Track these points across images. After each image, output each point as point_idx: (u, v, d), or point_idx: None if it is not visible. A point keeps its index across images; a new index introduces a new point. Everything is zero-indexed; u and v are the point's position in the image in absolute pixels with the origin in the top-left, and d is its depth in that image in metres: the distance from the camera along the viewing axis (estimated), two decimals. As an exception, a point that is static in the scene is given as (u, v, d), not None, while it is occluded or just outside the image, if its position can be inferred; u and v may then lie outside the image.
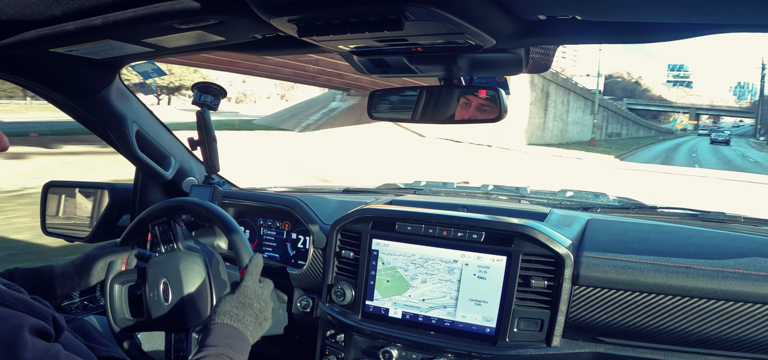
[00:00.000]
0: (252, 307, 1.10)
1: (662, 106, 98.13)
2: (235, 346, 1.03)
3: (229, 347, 1.01)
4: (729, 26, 0.92)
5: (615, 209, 1.79)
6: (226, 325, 1.05)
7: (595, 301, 1.35)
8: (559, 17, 0.96)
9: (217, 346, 1.00)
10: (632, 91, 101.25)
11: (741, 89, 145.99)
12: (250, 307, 1.10)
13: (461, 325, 1.47)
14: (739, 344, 1.27)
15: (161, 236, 1.33)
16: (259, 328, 1.12)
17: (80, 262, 1.31)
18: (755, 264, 1.28)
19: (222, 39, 1.21)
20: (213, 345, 1.00)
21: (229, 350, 1.00)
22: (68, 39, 1.20)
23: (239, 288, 1.13)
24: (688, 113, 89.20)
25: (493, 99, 1.31)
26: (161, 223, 1.33)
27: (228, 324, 1.06)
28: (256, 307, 1.11)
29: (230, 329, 1.05)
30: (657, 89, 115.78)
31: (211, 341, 1.01)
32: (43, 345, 0.75)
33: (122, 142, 1.70)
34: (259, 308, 1.12)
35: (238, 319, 1.07)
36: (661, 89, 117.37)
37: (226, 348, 1.01)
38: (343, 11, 0.94)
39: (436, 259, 1.49)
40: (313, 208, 1.80)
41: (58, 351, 0.75)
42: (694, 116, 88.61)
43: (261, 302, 1.13)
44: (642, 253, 1.37)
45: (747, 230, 1.54)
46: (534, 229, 1.41)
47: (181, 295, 1.24)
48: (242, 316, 1.08)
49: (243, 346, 1.05)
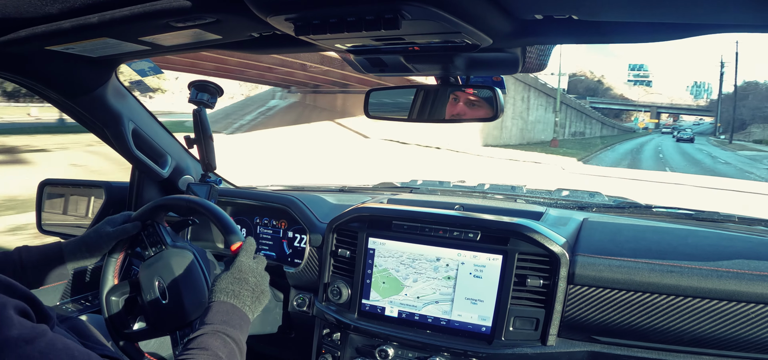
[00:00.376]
0: (247, 281, 1.09)
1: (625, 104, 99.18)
2: (233, 323, 1.02)
3: (225, 324, 1.00)
4: (724, 26, 0.92)
5: (610, 208, 1.80)
6: (222, 303, 1.05)
7: (590, 301, 1.36)
8: (556, 17, 0.97)
9: (213, 323, 0.99)
10: (595, 89, 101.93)
11: (697, 88, 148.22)
12: (246, 281, 1.09)
13: (457, 324, 1.47)
14: (733, 343, 1.27)
15: (148, 240, 1.33)
16: (257, 303, 1.11)
17: (90, 238, 1.30)
18: (750, 263, 1.29)
19: (219, 37, 1.21)
20: (209, 323, 0.99)
21: (225, 327, 0.99)
22: (64, 37, 1.20)
23: (234, 264, 1.12)
24: (649, 112, 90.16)
25: (489, 98, 1.32)
26: (146, 227, 1.33)
27: (224, 301, 1.05)
28: (251, 281, 1.10)
29: (227, 306, 1.04)
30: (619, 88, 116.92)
31: (207, 319, 1.01)
32: (29, 324, 0.74)
33: (119, 140, 1.70)
34: (254, 282, 1.11)
35: (235, 294, 1.07)
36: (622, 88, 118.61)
37: (223, 325, 1.00)
38: (341, 10, 0.94)
39: (432, 258, 1.50)
40: (309, 207, 1.80)
41: (45, 329, 0.74)
42: (655, 115, 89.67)
43: (257, 276, 1.12)
44: (637, 253, 1.37)
45: (741, 230, 1.55)
46: (530, 228, 1.41)
47: (177, 289, 1.24)
48: (239, 291, 1.07)
49: (241, 321, 1.04)
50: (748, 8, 0.84)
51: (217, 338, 0.97)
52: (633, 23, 0.98)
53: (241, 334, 1.02)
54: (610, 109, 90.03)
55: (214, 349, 0.94)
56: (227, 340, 0.98)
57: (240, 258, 1.13)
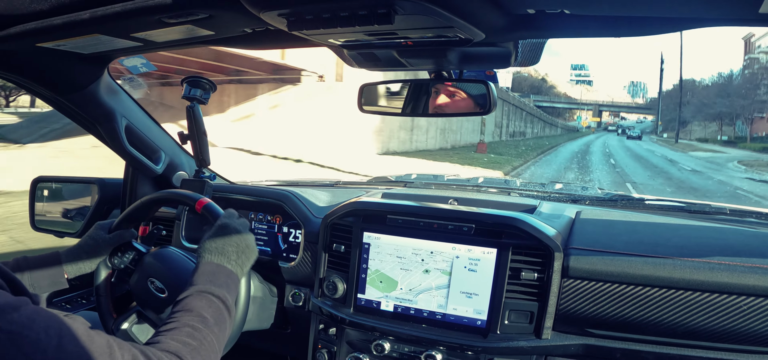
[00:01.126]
0: (231, 238, 1.10)
1: (569, 103, 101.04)
2: (218, 282, 1.02)
3: (210, 283, 1.01)
4: (713, 20, 0.93)
5: (603, 202, 1.81)
6: (207, 263, 1.06)
7: (584, 294, 1.37)
8: (548, 11, 0.97)
9: (197, 284, 1.00)
10: (539, 88, 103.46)
11: (634, 88, 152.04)
12: (229, 238, 1.10)
13: (452, 318, 1.48)
14: (725, 336, 1.28)
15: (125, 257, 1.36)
16: (244, 257, 1.12)
17: (87, 245, 1.31)
18: (740, 256, 1.30)
19: (211, 33, 1.21)
20: (194, 284, 1.00)
21: (210, 286, 1.00)
22: (55, 34, 1.19)
23: (217, 224, 1.14)
24: (591, 110, 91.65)
25: (482, 92, 1.33)
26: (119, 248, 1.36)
27: (210, 261, 1.06)
28: (235, 237, 1.11)
29: (212, 266, 1.05)
30: (562, 87, 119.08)
31: (193, 280, 1.02)
32: (12, 295, 0.75)
33: (111, 136, 1.70)
34: (238, 238, 1.12)
35: (219, 252, 1.08)
36: (565, 87, 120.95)
37: (208, 284, 1.00)
38: (334, 5, 0.94)
39: (426, 252, 1.50)
40: (304, 202, 1.80)
41: (27, 300, 0.75)
42: (597, 113, 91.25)
43: (240, 233, 1.13)
44: (630, 246, 1.38)
45: (733, 222, 1.56)
46: (523, 221, 1.42)
47: (172, 279, 1.27)
48: (223, 248, 1.09)
49: (228, 280, 1.05)
50: (733, 4, 0.85)
51: (201, 298, 0.98)
52: (622, 17, 0.99)
53: (227, 292, 1.02)
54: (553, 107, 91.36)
55: (198, 310, 0.95)
56: (213, 299, 0.98)
57: (221, 219, 1.15)
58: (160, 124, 1.87)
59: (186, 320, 0.92)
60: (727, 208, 1.65)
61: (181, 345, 0.88)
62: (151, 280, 1.29)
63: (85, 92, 1.58)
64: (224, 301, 1.00)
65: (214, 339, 0.93)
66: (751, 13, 0.86)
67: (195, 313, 0.94)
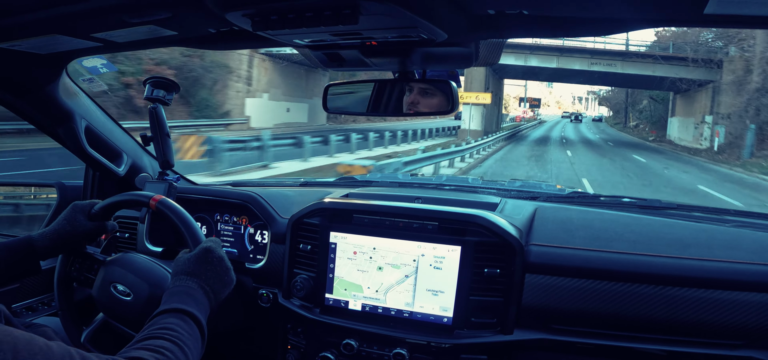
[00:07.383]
0: (211, 262, 1.10)
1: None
2: (193, 302, 1.02)
3: (185, 304, 1.00)
4: (660, 21, 0.99)
5: (560, 199, 1.86)
6: (184, 282, 1.05)
7: (546, 289, 1.41)
8: (507, 12, 1.01)
9: (172, 302, 1.00)
10: None
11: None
12: (210, 262, 1.10)
13: (419, 316, 1.50)
14: (681, 328, 1.33)
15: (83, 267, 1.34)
16: (221, 283, 1.11)
17: (64, 229, 1.26)
18: (688, 249, 1.37)
19: (175, 34, 1.20)
20: (169, 302, 1.00)
21: (185, 306, 0.99)
22: (10, 33, 1.16)
23: (201, 247, 1.13)
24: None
25: (444, 91, 1.36)
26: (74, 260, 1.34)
27: (186, 280, 1.06)
28: (215, 262, 1.11)
29: (188, 286, 1.05)
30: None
31: (167, 299, 1.01)
32: None
33: (71, 139, 1.66)
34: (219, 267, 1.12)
35: (197, 274, 1.07)
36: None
37: (183, 304, 0.99)
38: (299, 5, 0.95)
39: (393, 251, 1.52)
40: (270, 203, 1.79)
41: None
42: None
43: (219, 259, 1.13)
44: (587, 241, 1.43)
45: (681, 217, 1.64)
46: (485, 218, 1.45)
47: (135, 281, 1.26)
48: (201, 271, 1.08)
49: (203, 300, 1.04)
50: (679, 6, 0.91)
51: (176, 316, 0.97)
52: (579, 18, 1.04)
53: (201, 313, 1.01)
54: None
55: (173, 327, 0.94)
56: (187, 318, 0.98)
57: (208, 242, 1.14)
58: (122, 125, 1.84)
59: (159, 334, 0.91)
60: (675, 204, 1.73)
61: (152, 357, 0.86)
62: (114, 284, 1.26)
63: (42, 93, 1.54)
64: (198, 322, 0.99)
65: (185, 358, 0.93)
66: (696, 15, 0.92)
67: (171, 330, 0.93)
